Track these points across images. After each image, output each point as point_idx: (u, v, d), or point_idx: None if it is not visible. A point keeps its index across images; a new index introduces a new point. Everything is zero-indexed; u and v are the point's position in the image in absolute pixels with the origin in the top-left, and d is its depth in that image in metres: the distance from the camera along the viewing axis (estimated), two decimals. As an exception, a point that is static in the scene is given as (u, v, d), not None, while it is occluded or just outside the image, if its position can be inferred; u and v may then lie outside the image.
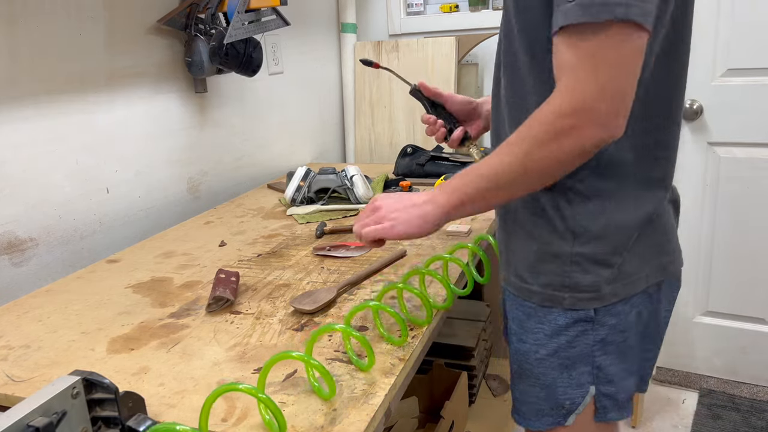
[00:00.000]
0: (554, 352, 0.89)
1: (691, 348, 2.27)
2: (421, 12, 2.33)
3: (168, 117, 1.54)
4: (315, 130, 2.21)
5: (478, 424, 1.69)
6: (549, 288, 0.87)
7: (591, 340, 0.87)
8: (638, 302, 0.88)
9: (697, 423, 2.05)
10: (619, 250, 0.84)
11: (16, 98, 1.18)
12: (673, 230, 0.92)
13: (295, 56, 2.05)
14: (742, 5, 1.89)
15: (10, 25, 1.16)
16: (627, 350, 0.89)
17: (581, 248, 0.84)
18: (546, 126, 0.74)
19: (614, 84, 0.70)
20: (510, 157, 0.77)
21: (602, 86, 0.70)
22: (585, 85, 0.70)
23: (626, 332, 0.88)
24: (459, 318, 1.86)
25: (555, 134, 0.73)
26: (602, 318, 0.86)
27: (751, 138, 1.99)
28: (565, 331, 0.87)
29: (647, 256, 0.87)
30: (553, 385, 0.90)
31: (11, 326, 1.01)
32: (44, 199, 1.25)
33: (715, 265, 2.15)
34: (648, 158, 0.85)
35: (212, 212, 1.59)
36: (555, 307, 0.87)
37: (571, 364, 0.89)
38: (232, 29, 1.43)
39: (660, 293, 0.90)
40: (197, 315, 1.01)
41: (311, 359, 0.71)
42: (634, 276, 0.86)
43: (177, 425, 0.60)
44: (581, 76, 0.71)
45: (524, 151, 0.76)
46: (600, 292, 0.85)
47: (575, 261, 0.85)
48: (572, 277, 0.85)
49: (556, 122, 0.73)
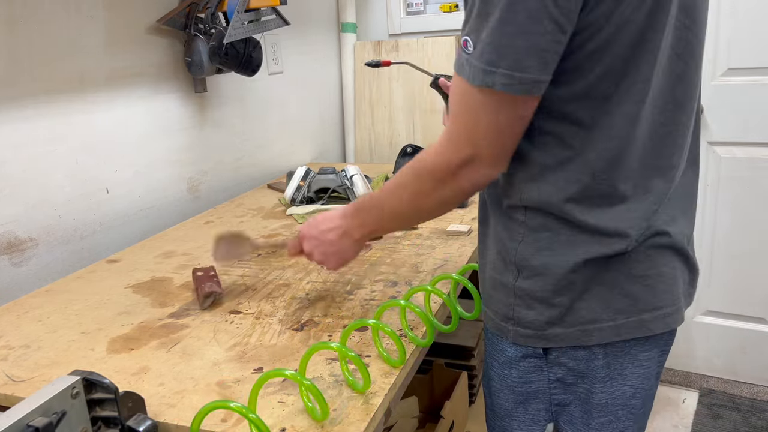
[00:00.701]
0: (507, 386, 0.87)
1: (691, 348, 2.27)
2: (421, 12, 2.33)
3: (168, 117, 1.54)
4: (315, 130, 2.21)
5: (478, 424, 1.69)
6: (497, 316, 0.85)
7: (546, 378, 0.84)
8: (610, 354, 0.81)
9: (697, 423, 2.05)
10: (562, 290, 0.79)
11: (16, 98, 1.18)
12: (663, 281, 0.79)
13: (295, 56, 2.05)
14: (742, 5, 1.89)
15: (10, 25, 1.16)
16: (594, 405, 0.83)
17: (522, 282, 0.81)
18: (431, 174, 0.78)
19: (492, 144, 0.73)
20: (403, 199, 0.83)
21: (479, 145, 0.73)
22: (462, 140, 0.74)
23: (588, 380, 0.82)
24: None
25: (438, 182, 0.78)
26: (556, 358, 0.82)
27: (751, 138, 1.99)
28: (515, 364, 0.85)
29: (612, 303, 0.79)
30: (508, 417, 0.89)
31: (11, 326, 1.01)
32: (44, 199, 1.25)
33: (716, 265, 2.15)
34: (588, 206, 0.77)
35: (212, 212, 1.59)
36: (503, 338, 0.85)
37: (524, 399, 0.87)
38: (232, 29, 1.43)
39: (648, 353, 0.82)
40: (197, 315, 1.00)
41: (304, 379, 0.69)
42: (593, 324, 0.79)
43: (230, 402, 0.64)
44: (461, 129, 0.74)
45: (414, 194, 0.81)
46: (544, 331, 0.81)
47: (518, 294, 0.82)
48: (516, 311, 0.82)
49: (437, 173, 0.77)
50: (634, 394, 0.83)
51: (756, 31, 1.90)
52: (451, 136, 0.75)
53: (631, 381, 0.82)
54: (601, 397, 0.83)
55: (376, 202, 0.88)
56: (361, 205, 0.90)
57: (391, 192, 0.85)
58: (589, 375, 0.82)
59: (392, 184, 0.85)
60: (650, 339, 0.81)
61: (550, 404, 0.86)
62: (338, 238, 0.91)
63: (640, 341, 0.81)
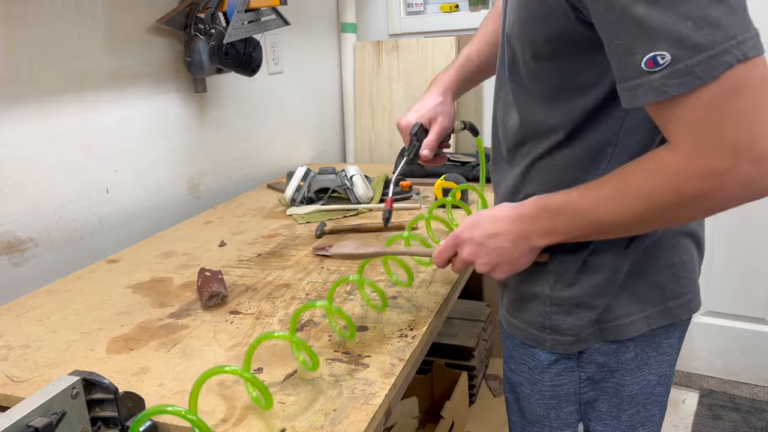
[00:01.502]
0: (538, 390, 0.87)
1: (691, 348, 2.27)
2: (421, 12, 2.33)
3: (168, 117, 1.54)
4: (315, 130, 2.21)
5: (478, 424, 1.69)
6: (532, 327, 0.85)
7: (577, 378, 0.85)
8: (638, 345, 0.82)
9: (698, 423, 2.05)
10: (603, 292, 0.79)
11: (16, 98, 1.18)
12: (685, 268, 0.81)
13: (295, 56, 2.05)
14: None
15: (10, 25, 1.16)
16: (625, 397, 0.84)
17: (561, 291, 0.80)
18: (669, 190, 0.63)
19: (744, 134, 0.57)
20: (628, 213, 0.67)
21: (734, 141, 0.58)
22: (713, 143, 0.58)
23: (619, 374, 0.83)
24: (459, 318, 1.86)
25: (683, 200, 0.62)
26: (589, 356, 0.83)
27: (751, 138, 1.98)
28: (547, 369, 0.85)
29: (642, 295, 0.80)
30: (539, 422, 0.89)
31: (11, 326, 1.01)
32: (44, 199, 1.25)
33: (716, 265, 2.15)
34: None
35: (212, 212, 1.59)
36: (538, 347, 0.85)
37: (557, 404, 0.87)
38: (232, 29, 1.43)
39: (670, 340, 0.83)
40: (197, 315, 1.00)
41: (247, 373, 0.70)
42: (628, 318, 0.80)
43: (168, 406, 0.62)
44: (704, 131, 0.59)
45: (643, 212, 0.66)
46: (582, 333, 0.81)
47: (556, 303, 0.81)
48: (553, 319, 0.82)
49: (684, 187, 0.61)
50: (659, 381, 0.85)
51: (756, 32, 1.90)
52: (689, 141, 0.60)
53: (656, 369, 0.84)
54: (631, 388, 0.84)
55: (578, 213, 0.71)
56: (544, 206, 0.74)
57: (596, 207, 0.69)
58: (619, 368, 0.83)
59: (596, 203, 0.69)
60: (673, 326, 0.83)
61: (579, 404, 0.87)
62: (510, 245, 0.77)
63: (665, 329, 0.82)
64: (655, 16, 0.55)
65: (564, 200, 0.72)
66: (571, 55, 0.69)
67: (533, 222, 0.74)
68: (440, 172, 1.70)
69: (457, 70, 1.05)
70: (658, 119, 0.62)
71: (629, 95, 0.60)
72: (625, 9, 0.57)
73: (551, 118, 0.75)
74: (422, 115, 1.00)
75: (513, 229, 0.76)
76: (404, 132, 1.01)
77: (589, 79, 0.70)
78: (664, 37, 0.55)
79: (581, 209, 0.70)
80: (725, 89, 0.55)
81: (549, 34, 0.68)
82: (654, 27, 0.56)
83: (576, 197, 0.70)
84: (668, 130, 0.61)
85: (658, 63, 0.56)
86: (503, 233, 0.76)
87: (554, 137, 0.75)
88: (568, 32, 0.66)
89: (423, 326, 0.92)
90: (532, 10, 0.69)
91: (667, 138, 0.61)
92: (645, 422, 0.87)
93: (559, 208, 0.72)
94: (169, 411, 0.63)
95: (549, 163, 0.78)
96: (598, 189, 0.68)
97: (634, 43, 0.57)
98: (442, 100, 1.02)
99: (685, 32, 0.54)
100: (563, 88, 0.72)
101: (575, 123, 0.73)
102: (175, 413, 0.63)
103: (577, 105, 0.72)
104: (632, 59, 0.58)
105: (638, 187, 0.64)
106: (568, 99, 0.72)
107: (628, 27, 0.57)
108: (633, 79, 0.59)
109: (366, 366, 0.82)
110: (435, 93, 1.03)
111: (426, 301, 1.00)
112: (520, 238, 0.76)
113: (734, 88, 0.55)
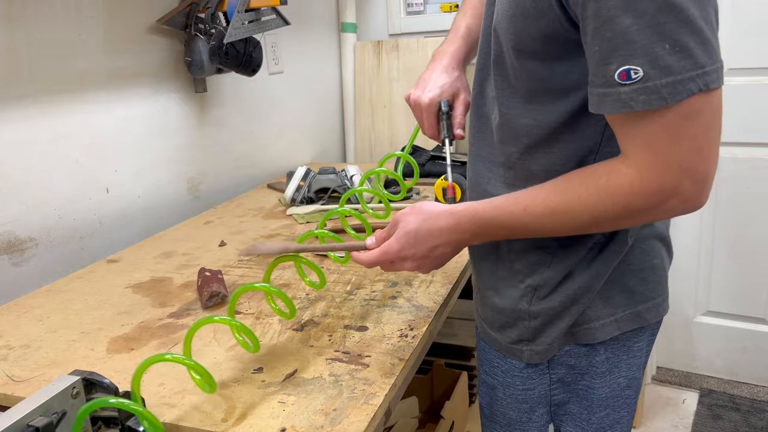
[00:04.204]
0: (510, 395, 0.87)
1: (691, 348, 2.27)
2: (421, 12, 2.33)
3: (168, 117, 1.54)
4: (315, 130, 2.21)
5: (478, 424, 1.69)
6: (508, 340, 0.84)
7: (548, 380, 0.85)
8: (609, 349, 0.82)
9: (698, 423, 2.05)
10: (579, 299, 0.79)
11: (16, 98, 1.18)
12: (654, 272, 0.82)
13: (295, 56, 2.05)
14: (741, 5, 1.89)
15: (10, 25, 1.16)
16: (595, 400, 0.84)
17: (538, 305, 0.80)
18: (618, 205, 0.65)
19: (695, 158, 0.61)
20: (572, 224, 0.70)
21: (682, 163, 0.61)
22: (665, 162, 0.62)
23: (589, 376, 0.83)
24: (459, 318, 1.86)
25: (629, 213, 0.65)
26: (559, 359, 0.83)
27: (751, 138, 1.99)
28: (519, 372, 0.85)
29: (613, 299, 0.80)
30: (511, 426, 0.89)
31: (11, 326, 1.01)
32: (44, 199, 1.25)
33: (716, 265, 2.15)
34: None
35: (212, 212, 1.59)
36: (514, 358, 0.85)
37: (530, 408, 0.87)
38: (232, 29, 1.43)
39: (639, 343, 0.84)
40: (197, 315, 1.00)
41: (188, 360, 0.70)
42: (598, 321, 0.80)
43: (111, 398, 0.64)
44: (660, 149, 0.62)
45: (588, 223, 0.69)
46: (556, 342, 0.81)
47: (534, 316, 0.81)
48: (531, 332, 0.82)
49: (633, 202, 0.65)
50: (628, 384, 0.85)
51: (756, 32, 1.90)
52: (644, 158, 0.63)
53: (626, 372, 0.84)
54: (601, 391, 0.84)
55: (517, 221, 0.73)
56: (487, 222, 0.75)
57: (541, 217, 0.71)
58: (589, 371, 0.83)
59: (542, 215, 0.71)
60: (643, 329, 0.83)
61: (550, 405, 0.87)
62: (452, 251, 0.80)
63: (635, 332, 0.82)
64: (639, 30, 0.56)
65: (507, 216, 0.72)
66: (557, 56, 0.68)
67: (474, 236, 0.77)
68: (440, 172, 1.70)
69: (464, 42, 1.00)
70: (618, 129, 0.64)
71: (596, 101, 0.63)
72: (611, 18, 0.57)
73: (529, 117, 0.74)
74: (445, 91, 0.96)
75: (454, 238, 0.77)
76: (426, 109, 0.96)
77: (573, 81, 0.69)
78: (642, 53, 0.57)
79: (525, 224, 0.71)
80: (685, 113, 0.58)
81: (537, 31, 0.67)
82: (636, 41, 0.57)
83: (520, 212, 0.71)
84: (625, 143, 0.63)
85: (631, 77, 0.58)
86: (445, 243, 0.78)
87: (534, 137, 0.74)
88: (555, 31, 0.66)
89: (423, 326, 0.92)
90: (523, 6, 0.68)
91: (623, 150, 0.64)
92: (614, 424, 0.87)
93: (501, 224, 0.73)
94: (111, 403, 0.63)
95: (527, 166, 0.76)
96: (542, 204, 0.69)
97: (612, 52, 0.58)
98: (458, 74, 0.97)
99: (660, 53, 0.56)
100: (545, 89, 0.71)
101: (557, 124, 0.72)
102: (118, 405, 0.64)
103: (559, 107, 0.71)
104: (606, 68, 0.59)
105: (586, 201, 0.66)
106: (549, 100, 0.71)
107: (610, 35, 0.58)
108: (603, 87, 0.61)
109: (366, 366, 0.82)
110: (450, 67, 0.97)
111: (426, 301, 1.00)
112: (461, 244, 0.78)
113: (692, 114, 0.58)
